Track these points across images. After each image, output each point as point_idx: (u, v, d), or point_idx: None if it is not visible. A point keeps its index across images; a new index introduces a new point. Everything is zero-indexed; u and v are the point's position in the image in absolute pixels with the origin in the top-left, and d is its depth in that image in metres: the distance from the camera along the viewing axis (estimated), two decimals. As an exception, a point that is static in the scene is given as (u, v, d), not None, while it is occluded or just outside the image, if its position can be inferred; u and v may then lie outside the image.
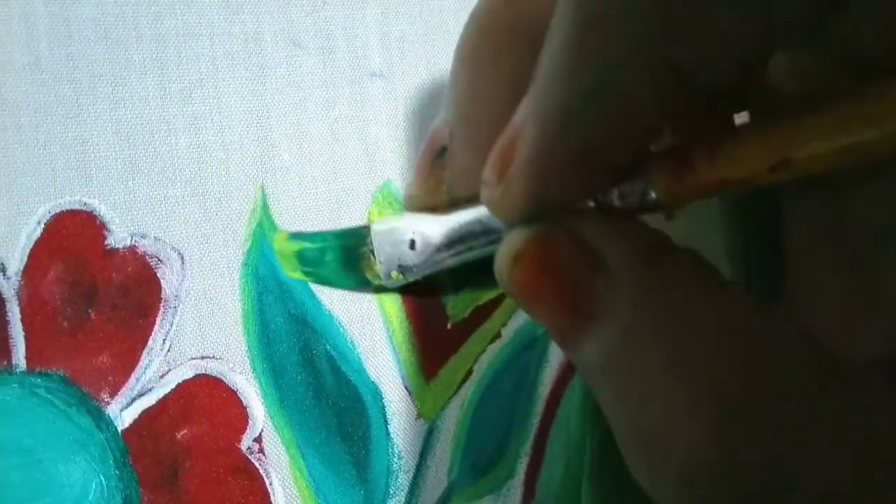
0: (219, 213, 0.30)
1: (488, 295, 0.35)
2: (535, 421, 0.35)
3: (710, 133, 0.17)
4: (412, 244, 0.20)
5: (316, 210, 0.32)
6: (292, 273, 0.23)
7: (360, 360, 0.32)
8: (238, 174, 0.31)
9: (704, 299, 0.16)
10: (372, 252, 0.21)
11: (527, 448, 0.35)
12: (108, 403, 0.28)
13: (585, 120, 0.15)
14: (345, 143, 0.33)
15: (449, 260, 0.20)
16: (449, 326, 0.34)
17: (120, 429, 0.28)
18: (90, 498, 0.27)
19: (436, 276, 0.20)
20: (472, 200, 0.19)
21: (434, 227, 0.20)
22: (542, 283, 0.17)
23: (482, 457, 0.34)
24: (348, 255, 0.22)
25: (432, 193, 0.19)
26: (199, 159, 0.30)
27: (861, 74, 0.15)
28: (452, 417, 0.34)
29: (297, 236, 0.24)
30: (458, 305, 0.34)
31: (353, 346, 0.32)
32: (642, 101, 0.15)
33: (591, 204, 0.17)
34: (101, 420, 0.28)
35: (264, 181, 0.31)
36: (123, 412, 0.28)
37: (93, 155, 0.28)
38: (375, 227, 0.21)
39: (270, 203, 0.31)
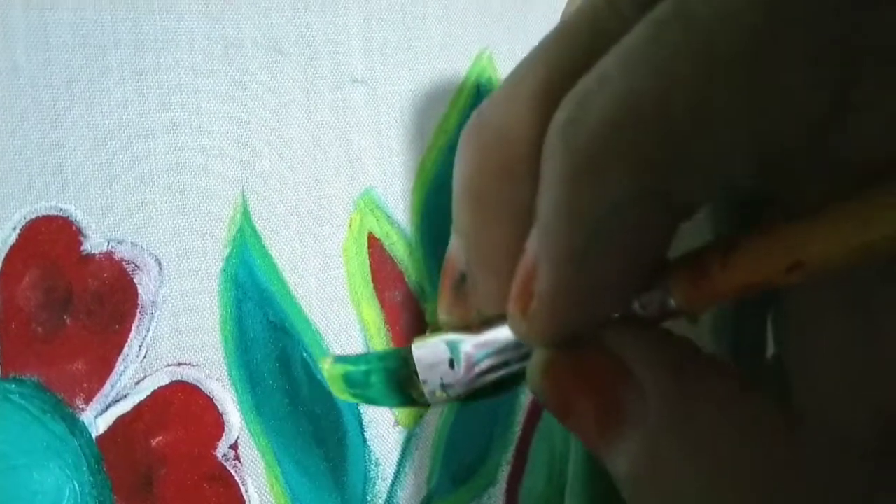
0: (198, 219, 0.30)
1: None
2: (517, 429, 0.35)
3: (723, 237, 0.17)
4: (451, 363, 0.21)
5: (297, 216, 0.32)
6: (341, 395, 0.24)
7: (338, 367, 0.32)
8: (217, 180, 0.31)
9: (728, 415, 0.16)
10: (415, 373, 0.22)
11: (508, 456, 0.35)
12: (82, 410, 0.28)
13: (595, 258, 0.16)
14: (326, 150, 0.33)
15: (489, 374, 0.21)
16: (428, 333, 0.34)
17: (94, 435, 0.28)
18: (63, 504, 0.27)
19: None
20: (502, 318, 0.19)
21: (470, 346, 0.21)
22: (572, 396, 0.17)
23: (462, 465, 0.34)
24: (392, 377, 0.23)
25: (463, 316, 0.20)
26: (177, 165, 0.30)
27: (865, 171, 0.15)
28: (431, 425, 0.34)
29: (341, 360, 0.25)
30: (437, 313, 0.34)
31: (329, 352, 0.32)
32: (648, 232, 0.16)
33: (615, 315, 0.18)
34: (76, 427, 0.28)
35: (244, 187, 0.31)
36: (98, 419, 0.28)
37: (69, 160, 0.28)
38: (416, 351, 0.22)
39: (251, 209, 0.31)
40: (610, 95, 0.15)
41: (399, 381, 0.23)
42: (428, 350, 0.22)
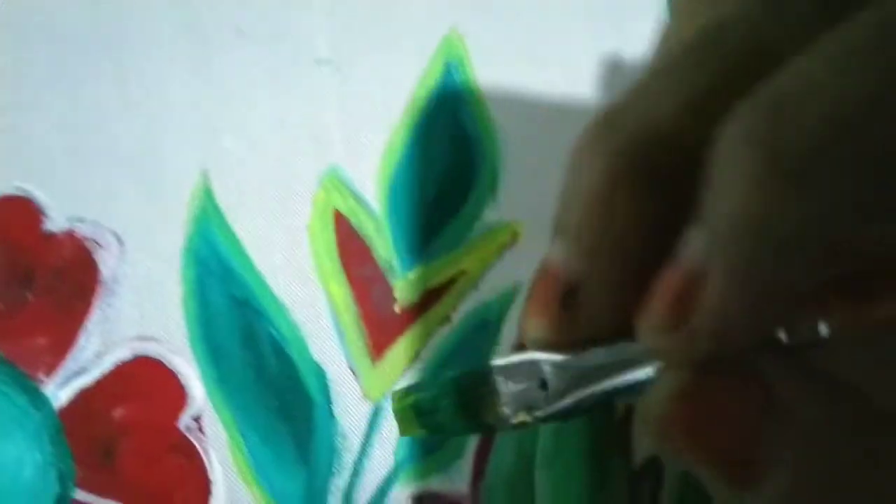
0: (159, 198, 0.31)
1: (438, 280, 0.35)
2: (488, 404, 0.35)
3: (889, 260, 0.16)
4: (543, 384, 0.19)
5: (261, 194, 0.33)
6: (409, 432, 0.22)
7: (303, 342, 0.33)
8: (178, 159, 0.31)
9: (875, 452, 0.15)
10: (493, 393, 0.20)
11: (479, 430, 0.35)
12: (44, 382, 0.29)
13: (781, 271, 0.14)
14: (290, 129, 0.33)
15: (581, 398, 0.19)
16: (397, 310, 0.34)
17: (56, 407, 0.29)
18: (25, 474, 0.28)
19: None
20: (608, 338, 0.18)
21: (567, 366, 0.19)
22: (710, 429, 0.16)
23: (430, 438, 0.34)
24: (466, 398, 0.21)
25: (564, 333, 0.18)
26: (137, 144, 0.31)
27: None
28: (399, 399, 0.34)
29: (412, 388, 0.23)
30: (407, 289, 0.35)
31: (297, 328, 0.33)
32: (842, 250, 0.15)
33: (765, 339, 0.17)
34: (38, 399, 0.29)
35: (207, 165, 0.32)
36: (60, 391, 0.29)
37: (29, 140, 0.29)
38: (499, 368, 0.20)
39: (215, 188, 0.32)
40: (823, 101, 0.13)
41: (473, 403, 0.21)
42: (515, 368, 0.20)
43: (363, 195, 0.34)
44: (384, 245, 0.34)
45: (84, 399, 0.29)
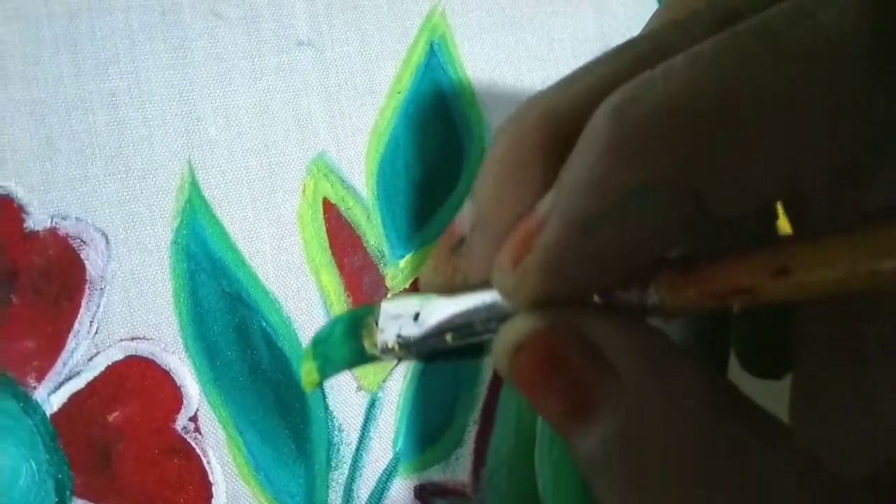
0: (144, 191, 0.30)
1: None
2: (483, 388, 0.35)
3: (720, 245, 0.17)
4: (416, 317, 0.21)
5: (248, 184, 0.32)
6: (306, 370, 0.24)
7: (296, 335, 0.32)
8: (162, 150, 0.30)
9: (705, 416, 0.17)
10: (376, 322, 0.22)
11: (475, 416, 0.35)
12: (34, 388, 0.28)
13: (608, 229, 0.16)
14: (274, 115, 0.32)
15: (450, 338, 0.21)
16: (389, 298, 0.34)
17: (48, 413, 0.28)
18: (20, 483, 0.27)
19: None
20: (484, 286, 0.19)
21: (441, 305, 0.20)
22: (544, 375, 0.17)
23: (428, 427, 0.34)
24: (353, 326, 0.23)
25: (448, 279, 0.20)
26: (119, 137, 0.29)
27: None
28: (395, 389, 0.33)
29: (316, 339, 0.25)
30: (398, 276, 0.34)
31: (289, 321, 0.32)
32: (665, 223, 0.16)
33: (595, 298, 0.18)
34: (29, 405, 0.27)
35: (191, 156, 0.31)
36: (51, 396, 0.28)
37: (6, 137, 0.28)
38: (385, 302, 0.22)
39: (200, 178, 0.31)
40: (672, 83, 0.15)
41: (357, 330, 0.22)
42: (397, 302, 0.21)
43: (352, 182, 0.34)
44: (374, 233, 0.34)
45: (77, 404, 0.28)
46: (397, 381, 0.34)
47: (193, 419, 0.30)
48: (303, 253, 0.33)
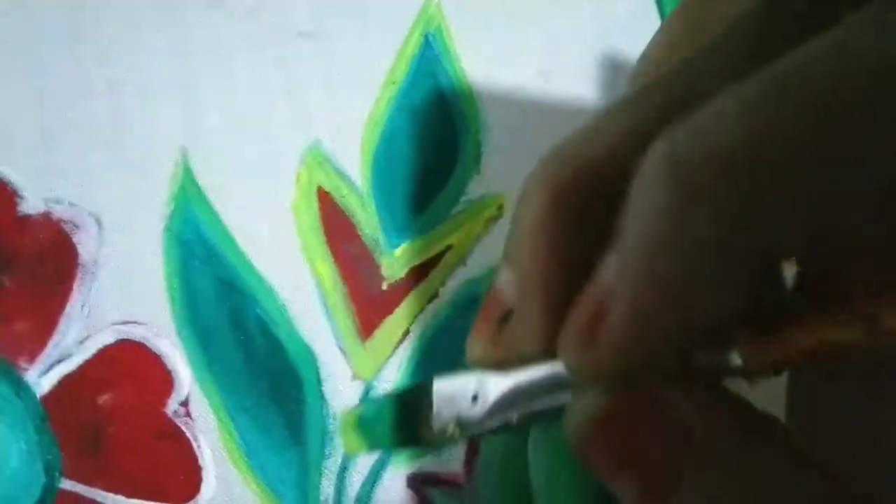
0: (137, 178, 0.30)
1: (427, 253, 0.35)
2: (480, 380, 0.35)
3: (800, 295, 0.17)
4: (474, 398, 0.20)
5: (243, 172, 0.32)
6: (351, 446, 0.23)
7: (291, 322, 0.32)
8: (157, 138, 0.30)
9: (794, 489, 0.16)
10: (430, 406, 0.20)
11: (471, 407, 0.34)
12: (26, 370, 0.28)
13: (682, 289, 0.15)
14: (271, 105, 0.33)
15: (512, 415, 0.20)
16: (385, 287, 0.34)
17: (39, 395, 0.28)
18: (11, 464, 0.27)
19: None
20: (542, 358, 0.18)
21: (500, 383, 0.20)
22: (623, 453, 0.17)
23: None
24: (404, 411, 0.21)
25: (503, 355, 0.19)
26: (115, 124, 0.30)
27: None
28: (390, 378, 0.33)
29: (363, 403, 0.24)
30: (393, 265, 0.34)
31: (284, 308, 0.32)
32: (739, 279, 0.15)
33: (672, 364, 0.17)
34: (20, 387, 0.28)
35: (187, 144, 0.31)
36: (42, 378, 0.28)
37: (2, 122, 0.28)
38: (438, 381, 0.21)
39: (196, 167, 0.31)
40: (728, 131, 0.14)
41: (410, 414, 0.21)
42: (451, 382, 0.20)
43: (347, 171, 0.34)
44: (370, 222, 0.34)
45: (68, 386, 0.28)
46: (392, 370, 0.34)
47: (184, 404, 0.30)
48: (297, 241, 0.33)
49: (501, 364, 0.19)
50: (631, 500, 0.17)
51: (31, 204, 0.28)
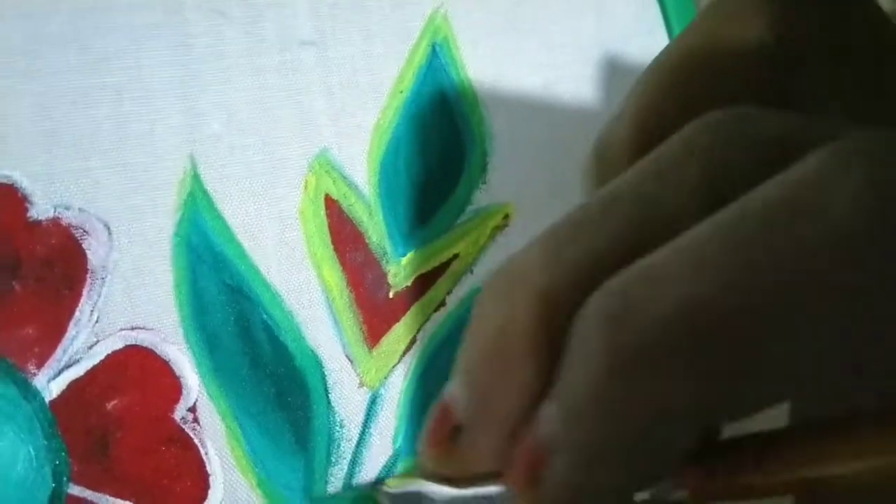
0: (146, 184, 0.30)
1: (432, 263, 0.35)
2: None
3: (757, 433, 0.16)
4: None
5: (250, 179, 0.32)
6: None
7: (298, 329, 0.32)
8: (164, 144, 0.31)
9: None
10: None
11: (477, 416, 0.34)
12: (34, 375, 0.28)
13: (628, 458, 0.15)
14: (276, 112, 0.33)
15: None
16: (391, 295, 0.34)
17: (47, 400, 0.28)
18: (18, 468, 0.27)
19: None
20: (490, 477, 0.18)
21: (446, 495, 0.20)
22: None
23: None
24: None
25: (451, 471, 0.19)
26: (121, 130, 0.30)
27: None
28: (397, 386, 0.33)
29: (318, 500, 0.24)
30: (400, 273, 0.34)
31: (291, 315, 0.32)
32: (688, 437, 0.15)
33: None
34: (28, 391, 0.28)
35: (193, 151, 0.31)
36: (51, 383, 0.28)
37: (11, 128, 0.28)
38: (388, 491, 0.21)
39: (202, 173, 0.31)
40: (668, 299, 0.14)
41: None
42: (401, 493, 0.21)
43: (354, 179, 0.34)
44: (377, 230, 0.34)
45: (76, 391, 0.28)
46: (398, 378, 0.34)
47: (192, 410, 0.30)
48: (304, 248, 0.33)
49: (449, 478, 0.19)
50: None
51: (41, 209, 0.28)
